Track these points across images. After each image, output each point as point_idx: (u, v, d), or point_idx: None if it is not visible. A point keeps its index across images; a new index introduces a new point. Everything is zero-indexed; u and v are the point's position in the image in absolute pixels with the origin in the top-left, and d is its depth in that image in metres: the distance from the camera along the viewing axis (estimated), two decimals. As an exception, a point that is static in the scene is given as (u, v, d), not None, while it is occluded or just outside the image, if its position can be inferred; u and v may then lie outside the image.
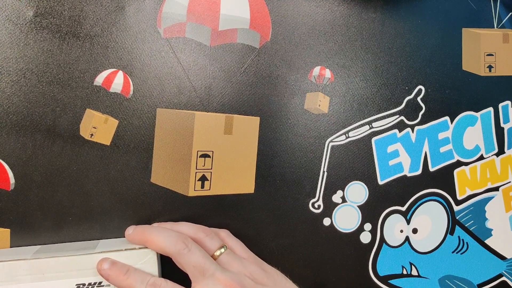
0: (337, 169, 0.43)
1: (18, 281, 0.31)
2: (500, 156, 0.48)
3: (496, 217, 0.48)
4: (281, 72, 0.41)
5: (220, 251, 0.34)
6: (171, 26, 0.37)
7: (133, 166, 0.37)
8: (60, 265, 0.32)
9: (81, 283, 0.33)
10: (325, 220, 0.43)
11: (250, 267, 0.35)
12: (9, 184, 0.35)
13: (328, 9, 0.42)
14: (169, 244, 0.33)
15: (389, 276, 0.45)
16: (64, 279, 0.32)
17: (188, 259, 0.32)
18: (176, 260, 0.33)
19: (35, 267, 0.32)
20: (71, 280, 0.32)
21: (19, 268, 0.31)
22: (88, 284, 0.33)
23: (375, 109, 0.43)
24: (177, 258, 0.32)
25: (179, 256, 0.32)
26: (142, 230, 0.35)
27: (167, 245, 0.33)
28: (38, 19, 0.34)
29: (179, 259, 0.32)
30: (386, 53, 0.43)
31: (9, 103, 0.34)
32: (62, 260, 0.32)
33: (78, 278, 0.33)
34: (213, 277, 0.32)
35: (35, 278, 0.32)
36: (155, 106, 0.37)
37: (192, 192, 0.39)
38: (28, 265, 0.32)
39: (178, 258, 0.32)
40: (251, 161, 0.40)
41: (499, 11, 0.47)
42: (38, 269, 0.32)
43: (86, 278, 0.33)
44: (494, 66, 0.47)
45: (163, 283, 0.32)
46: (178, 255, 0.32)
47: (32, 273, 0.32)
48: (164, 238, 0.33)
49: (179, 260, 0.32)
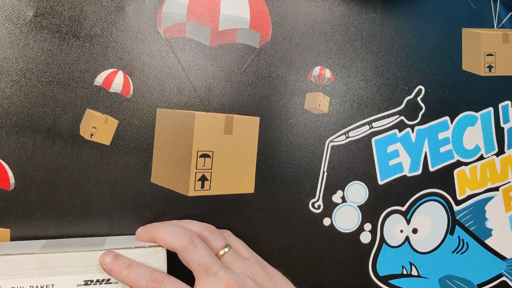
0: (337, 169, 0.43)
1: (26, 275, 0.31)
2: (500, 156, 0.48)
3: (496, 217, 0.48)
4: (281, 72, 0.41)
5: (224, 250, 0.35)
6: (171, 26, 0.37)
7: (133, 166, 0.37)
8: (68, 260, 0.32)
9: (89, 279, 0.33)
10: (325, 220, 0.43)
11: (252, 268, 0.35)
12: (9, 184, 0.35)
13: (328, 9, 0.42)
14: (176, 240, 0.33)
15: (389, 276, 0.45)
16: (72, 274, 0.32)
17: (193, 255, 0.32)
18: (181, 256, 0.33)
19: (43, 262, 0.32)
20: (79, 276, 0.32)
21: (27, 262, 0.31)
22: (96, 280, 0.33)
23: (375, 109, 0.43)
24: (183, 254, 0.33)
25: (184, 251, 0.32)
26: (150, 228, 0.35)
27: (174, 240, 0.33)
28: (38, 19, 0.34)
29: (184, 255, 0.32)
30: (386, 53, 0.43)
31: (9, 103, 0.34)
32: (71, 255, 0.32)
33: (87, 274, 0.32)
34: (216, 275, 0.32)
35: (43, 273, 0.32)
36: (155, 106, 0.37)
37: (192, 192, 0.39)
38: (36, 259, 0.32)
39: (183, 254, 0.33)
40: (251, 161, 0.40)
41: (499, 11, 0.47)
42: (46, 263, 0.32)
43: (94, 275, 0.33)
44: (494, 66, 0.47)
45: (166, 279, 0.32)
46: (184, 251, 0.32)
47: (40, 268, 0.32)
48: (172, 233, 0.33)
49: (184, 256, 0.33)
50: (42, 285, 0.32)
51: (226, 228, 0.39)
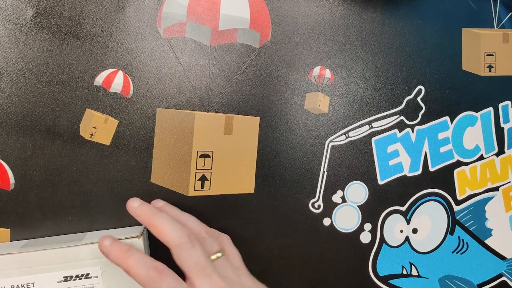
0: (337, 169, 0.43)
1: (7, 275, 0.32)
2: (500, 156, 0.48)
3: (496, 217, 0.48)
4: (281, 72, 0.41)
5: (217, 255, 0.34)
6: (171, 26, 0.37)
7: (133, 166, 0.37)
8: (47, 257, 0.32)
9: (68, 275, 0.33)
10: (325, 220, 0.43)
11: (242, 278, 0.35)
12: (9, 184, 0.35)
13: (328, 9, 0.42)
14: (176, 236, 0.32)
15: (389, 276, 0.45)
16: (51, 272, 0.33)
17: (190, 254, 0.32)
18: (176, 252, 0.32)
19: (22, 261, 0.32)
20: (58, 272, 0.33)
21: (6, 262, 0.32)
22: (76, 276, 0.33)
23: (375, 109, 0.43)
24: (178, 251, 0.32)
25: (181, 249, 0.32)
26: (150, 211, 0.34)
27: (173, 235, 0.32)
28: (38, 19, 0.34)
29: (179, 252, 0.32)
30: (386, 53, 0.43)
31: (9, 103, 0.34)
32: (49, 252, 0.32)
33: (66, 270, 0.33)
34: (210, 277, 0.32)
35: (23, 272, 0.32)
36: (155, 106, 0.37)
37: (192, 192, 0.39)
38: (15, 259, 0.32)
39: (179, 251, 0.32)
40: (251, 161, 0.40)
41: (499, 11, 0.47)
42: (25, 262, 0.32)
43: (73, 270, 0.33)
44: (494, 66, 0.47)
45: (166, 270, 0.31)
46: (180, 248, 0.32)
47: (19, 267, 0.32)
48: (171, 228, 0.33)
49: (179, 253, 0.32)
50: (23, 284, 0.32)
51: (226, 228, 0.39)
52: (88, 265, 0.33)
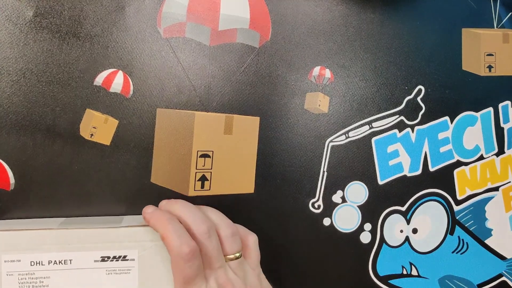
0: (337, 169, 0.43)
1: (44, 250, 0.32)
2: (500, 156, 0.48)
3: (496, 217, 0.48)
4: (281, 72, 0.41)
5: (235, 255, 0.34)
6: (171, 26, 0.37)
7: (133, 166, 0.37)
8: (86, 236, 0.33)
9: (106, 255, 0.33)
10: (325, 220, 0.43)
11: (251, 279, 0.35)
12: (9, 184, 0.35)
13: (327, 9, 0.42)
14: (195, 225, 0.32)
15: (389, 276, 0.45)
16: (89, 250, 0.33)
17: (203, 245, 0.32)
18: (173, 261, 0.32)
19: (61, 237, 0.32)
20: (96, 252, 0.33)
21: (46, 237, 0.32)
22: (113, 257, 0.33)
23: (375, 109, 0.43)
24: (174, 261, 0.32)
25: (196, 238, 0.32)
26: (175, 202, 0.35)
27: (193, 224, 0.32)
28: (38, 19, 0.34)
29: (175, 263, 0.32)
30: (386, 53, 0.43)
31: (9, 103, 0.34)
32: (89, 232, 0.33)
33: (104, 250, 0.33)
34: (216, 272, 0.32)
35: (61, 248, 0.32)
36: (155, 106, 0.37)
37: (192, 192, 0.39)
38: (55, 234, 0.32)
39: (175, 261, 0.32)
40: (251, 161, 0.40)
41: (499, 11, 0.47)
42: (64, 239, 0.32)
43: (111, 251, 0.33)
44: (494, 66, 0.47)
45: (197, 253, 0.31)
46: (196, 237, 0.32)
47: (58, 243, 0.32)
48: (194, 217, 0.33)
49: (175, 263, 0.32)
50: (60, 260, 0.32)
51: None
52: (127, 247, 0.34)
